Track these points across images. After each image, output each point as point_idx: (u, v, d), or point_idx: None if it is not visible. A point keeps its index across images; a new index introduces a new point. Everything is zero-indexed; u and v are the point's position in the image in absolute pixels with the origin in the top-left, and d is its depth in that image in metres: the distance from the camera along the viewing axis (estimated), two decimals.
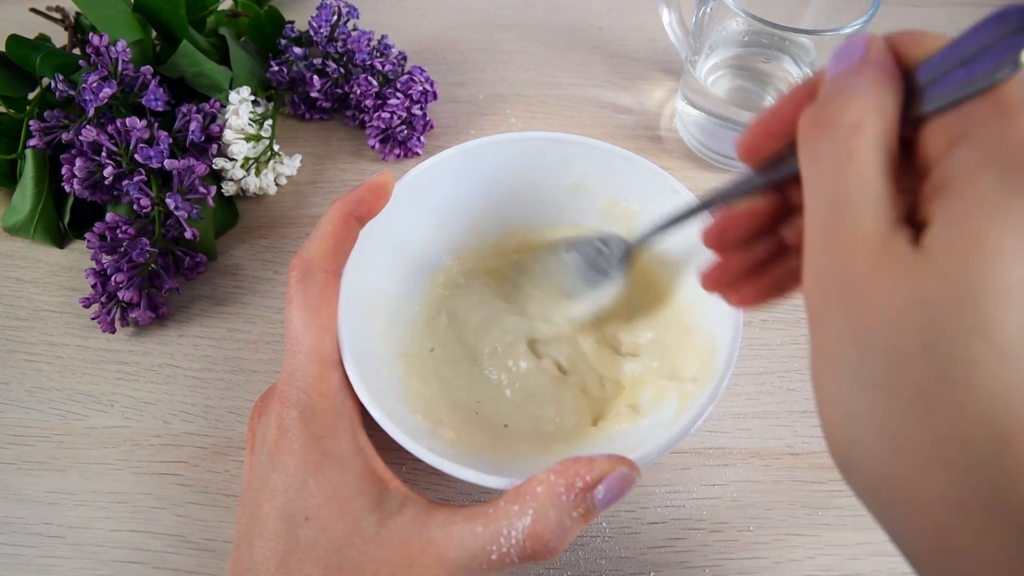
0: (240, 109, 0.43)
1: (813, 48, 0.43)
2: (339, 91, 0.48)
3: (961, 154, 0.17)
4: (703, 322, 0.32)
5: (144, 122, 0.39)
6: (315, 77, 0.47)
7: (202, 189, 0.39)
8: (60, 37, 0.48)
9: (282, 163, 0.45)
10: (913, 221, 0.18)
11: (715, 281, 0.25)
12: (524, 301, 0.37)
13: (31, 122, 0.40)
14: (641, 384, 0.34)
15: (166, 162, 0.39)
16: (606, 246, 0.34)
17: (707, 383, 0.28)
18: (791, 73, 0.45)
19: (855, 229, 0.17)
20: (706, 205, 0.26)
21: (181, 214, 0.38)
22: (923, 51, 0.19)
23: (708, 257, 0.25)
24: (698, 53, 0.45)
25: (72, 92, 0.40)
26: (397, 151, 0.47)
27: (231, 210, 0.44)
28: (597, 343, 0.36)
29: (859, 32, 0.38)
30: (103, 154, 0.39)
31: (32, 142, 0.40)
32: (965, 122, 0.17)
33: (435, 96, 0.48)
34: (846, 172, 0.18)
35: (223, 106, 0.43)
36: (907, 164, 0.19)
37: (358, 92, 0.46)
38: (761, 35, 0.44)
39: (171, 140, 0.40)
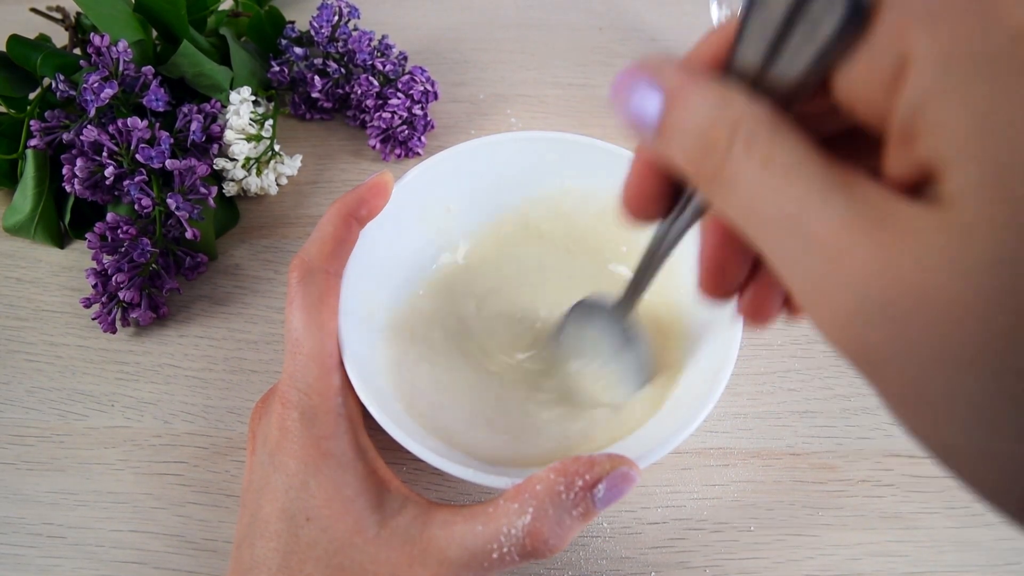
0: (241, 109, 0.43)
1: None
2: (340, 91, 0.48)
3: (921, 80, 0.13)
4: (702, 322, 0.32)
5: (145, 122, 0.39)
6: (316, 77, 0.47)
7: (203, 189, 0.39)
8: (60, 37, 0.48)
9: (283, 163, 0.45)
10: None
11: (715, 286, 0.21)
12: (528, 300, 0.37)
13: (32, 122, 0.40)
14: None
15: (167, 162, 0.39)
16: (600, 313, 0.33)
17: (708, 383, 0.28)
18: None
19: (852, 229, 0.13)
20: (661, 255, 0.24)
21: (182, 214, 0.38)
22: (716, 48, 0.17)
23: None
24: None
25: (73, 92, 0.40)
26: (398, 151, 0.47)
27: (232, 210, 0.44)
28: None
29: None
30: (104, 154, 0.39)
31: (33, 142, 0.40)
32: (888, 57, 0.13)
33: (436, 96, 0.48)
34: (778, 182, 0.14)
35: (224, 106, 0.43)
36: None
37: (359, 92, 0.46)
38: None
39: (172, 140, 0.40)
